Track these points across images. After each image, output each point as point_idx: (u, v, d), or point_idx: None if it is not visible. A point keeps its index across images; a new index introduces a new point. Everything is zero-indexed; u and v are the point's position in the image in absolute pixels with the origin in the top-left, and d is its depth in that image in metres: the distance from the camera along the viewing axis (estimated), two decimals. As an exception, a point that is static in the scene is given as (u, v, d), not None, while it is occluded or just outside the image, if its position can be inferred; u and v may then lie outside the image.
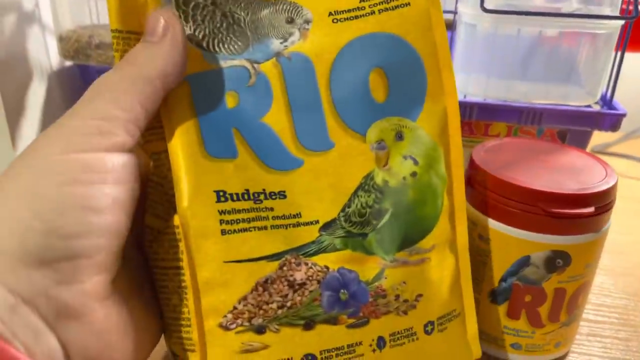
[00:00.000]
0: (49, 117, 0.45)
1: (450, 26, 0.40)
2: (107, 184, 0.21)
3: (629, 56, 0.69)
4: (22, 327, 0.19)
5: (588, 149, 0.66)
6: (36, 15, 0.43)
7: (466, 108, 0.40)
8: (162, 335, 0.26)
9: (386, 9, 0.26)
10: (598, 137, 0.67)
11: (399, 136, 0.26)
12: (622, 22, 0.34)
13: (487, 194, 0.31)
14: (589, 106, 0.41)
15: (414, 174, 0.26)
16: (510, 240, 0.30)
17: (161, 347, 0.26)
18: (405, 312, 0.27)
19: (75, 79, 0.46)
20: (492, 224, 0.31)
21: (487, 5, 0.32)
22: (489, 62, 0.39)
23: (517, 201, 0.30)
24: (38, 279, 0.20)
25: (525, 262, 0.31)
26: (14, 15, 0.40)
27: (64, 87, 0.46)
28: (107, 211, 0.21)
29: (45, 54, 0.44)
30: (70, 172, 0.20)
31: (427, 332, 0.27)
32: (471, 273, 0.33)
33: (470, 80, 0.40)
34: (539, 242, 0.30)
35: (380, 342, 0.26)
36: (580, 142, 0.42)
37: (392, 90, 0.26)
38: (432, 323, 0.28)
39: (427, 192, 0.27)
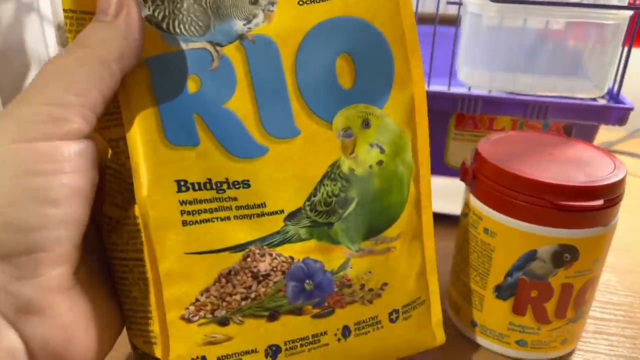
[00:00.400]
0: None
1: (454, 21, 0.39)
2: (63, 174, 0.20)
3: (636, 52, 0.69)
4: None
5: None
6: (34, 5, 0.42)
7: (470, 101, 0.39)
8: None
9: None
10: (602, 135, 0.67)
11: (366, 124, 0.25)
12: (630, 12, 0.34)
13: (493, 186, 0.30)
14: (594, 100, 0.41)
15: (380, 163, 0.26)
16: (516, 234, 0.30)
17: (125, 338, 0.26)
18: (370, 301, 0.26)
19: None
20: (498, 217, 0.30)
21: (494, -5, 0.32)
22: (493, 54, 0.38)
23: (523, 194, 0.29)
24: None
25: (531, 256, 0.30)
26: (11, 4, 0.40)
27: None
28: (65, 202, 0.20)
29: (43, 43, 0.43)
30: (23, 163, 0.19)
31: (391, 321, 0.27)
32: (476, 268, 0.32)
33: (474, 73, 0.39)
34: (546, 236, 0.29)
35: (345, 331, 0.26)
36: (586, 136, 0.41)
37: (359, 77, 0.25)
38: (397, 311, 0.27)
39: (393, 180, 0.26)
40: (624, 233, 0.48)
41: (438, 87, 0.41)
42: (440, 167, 0.44)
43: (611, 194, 0.29)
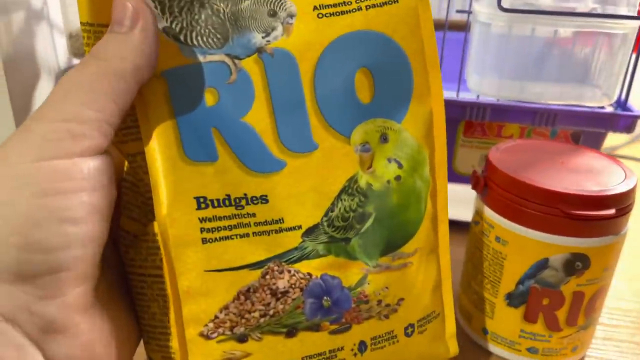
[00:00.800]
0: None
1: (464, 27, 0.40)
2: (83, 192, 0.20)
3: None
4: (4, 346, 0.19)
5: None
6: (44, 13, 0.42)
7: (479, 109, 0.40)
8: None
9: (374, 5, 0.25)
10: (606, 140, 0.67)
11: (384, 138, 0.25)
12: (638, 22, 0.34)
13: (505, 195, 0.30)
14: (602, 108, 0.41)
15: (398, 178, 0.26)
16: (528, 243, 0.30)
17: (142, 349, 0.26)
18: (387, 316, 0.26)
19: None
20: (510, 225, 0.30)
21: (504, 4, 0.32)
22: (502, 62, 0.38)
23: (535, 202, 0.29)
24: (18, 295, 0.19)
25: (543, 264, 0.30)
26: (22, 13, 0.40)
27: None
28: (85, 220, 0.20)
29: (53, 52, 0.44)
30: (44, 182, 0.19)
31: (407, 335, 0.27)
32: (487, 275, 0.32)
33: (483, 80, 0.39)
34: (558, 245, 0.29)
35: (362, 347, 0.26)
36: (594, 143, 0.42)
37: (378, 91, 0.25)
38: (412, 325, 0.27)
39: (411, 196, 0.26)
40: (632, 240, 0.48)
41: (447, 93, 0.41)
42: (448, 173, 0.44)
43: (622, 203, 0.29)
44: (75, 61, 0.46)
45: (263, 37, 0.23)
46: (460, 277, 0.36)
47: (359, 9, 0.24)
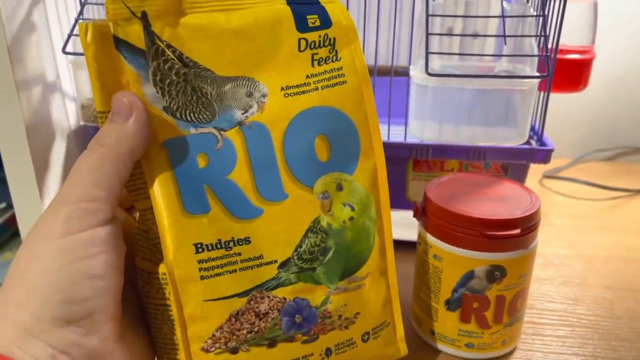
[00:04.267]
0: (69, 170, 0.52)
1: (406, 74, 0.48)
2: (103, 254, 0.26)
3: (572, 96, 0.78)
4: None
5: (540, 174, 0.74)
6: (57, 85, 0.50)
7: (423, 149, 0.48)
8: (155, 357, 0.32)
9: (327, 86, 0.31)
10: (551, 163, 0.76)
11: (340, 188, 0.32)
12: (537, 80, 0.43)
13: (438, 221, 0.38)
14: (527, 142, 0.49)
15: (351, 218, 0.32)
16: (458, 259, 0.38)
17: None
18: (346, 327, 0.33)
19: (89, 138, 0.54)
20: (443, 245, 0.38)
21: (431, 70, 0.41)
22: (439, 111, 0.47)
23: (461, 227, 0.37)
24: (68, 334, 0.25)
25: (470, 275, 0.38)
26: (40, 86, 0.47)
27: (81, 145, 0.53)
28: (108, 275, 0.26)
29: (66, 117, 0.51)
30: (75, 251, 0.25)
31: (364, 341, 0.34)
32: (430, 286, 0.40)
33: (424, 126, 0.48)
34: (480, 259, 0.37)
35: (328, 352, 0.32)
36: (520, 172, 0.50)
37: (333, 151, 0.32)
38: (368, 333, 0.34)
39: (361, 232, 0.33)
40: (563, 250, 0.57)
41: (397, 133, 0.49)
42: (402, 202, 0.52)
43: (527, 224, 0.37)
44: (82, 124, 0.53)
45: (242, 113, 0.29)
46: (412, 289, 0.44)
47: (316, 89, 0.31)
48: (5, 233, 0.60)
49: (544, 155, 0.47)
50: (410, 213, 0.51)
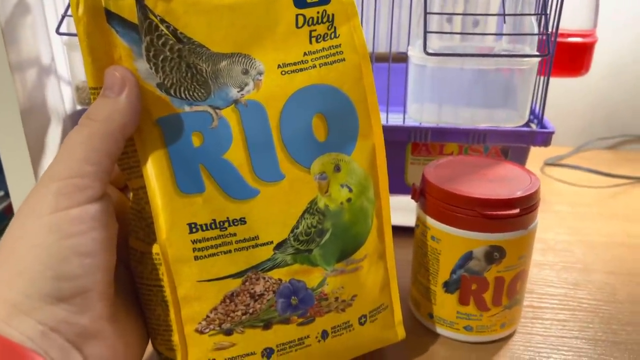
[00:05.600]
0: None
1: (405, 59, 0.47)
2: (93, 231, 0.25)
3: (575, 82, 0.78)
4: (53, 348, 0.24)
5: (542, 162, 0.74)
6: (52, 68, 0.50)
7: (422, 132, 0.47)
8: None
9: (325, 64, 0.31)
10: (552, 151, 0.75)
11: (337, 168, 0.31)
12: (538, 59, 0.42)
13: (436, 202, 0.38)
14: (527, 125, 0.49)
15: (349, 200, 0.32)
16: (456, 240, 0.37)
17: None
18: (343, 310, 0.32)
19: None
20: (441, 226, 0.38)
21: (430, 49, 0.40)
22: (438, 92, 0.46)
23: (459, 207, 0.37)
24: (58, 312, 0.25)
25: (469, 256, 0.37)
26: (34, 69, 0.47)
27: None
28: (98, 252, 0.25)
29: (61, 100, 0.51)
30: (64, 227, 0.25)
31: (361, 324, 0.33)
32: (428, 268, 0.40)
33: (423, 108, 0.47)
34: (479, 240, 0.37)
35: (324, 334, 0.32)
36: (521, 155, 0.50)
37: (331, 131, 0.31)
38: (364, 316, 0.34)
39: (359, 214, 0.32)
40: (564, 236, 0.56)
41: (395, 118, 0.49)
42: (401, 187, 0.52)
43: (526, 204, 0.37)
44: (78, 107, 0.53)
45: (238, 92, 0.29)
46: (410, 272, 0.43)
47: (314, 66, 0.31)
48: (4, 221, 0.60)
49: (544, 138, 0.47)
50: (408, 198, 0.51)
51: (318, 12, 0.31)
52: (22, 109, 0.45)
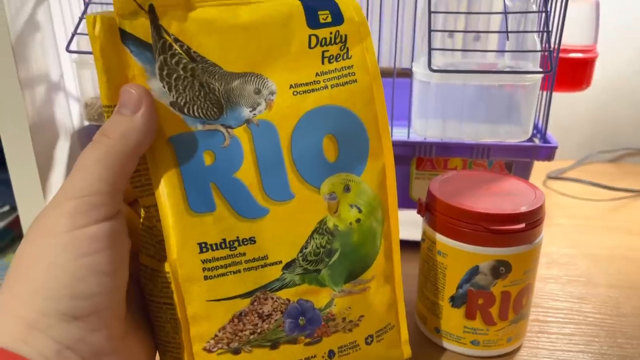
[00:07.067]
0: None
1: (409, 74, 0.48)
2: (109, 249, 0.25)
3: (577, 96, 0.79)
4: None
5: (545, 175, 0.74)
6: (61, 84, 0.50)
7: (426, 147, 0.48)
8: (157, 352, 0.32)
9: (337, 85, 0.31)
10: (555, 164, 0.76)
11: (347, 189, 0.32)
12: (540, 75, 0.43)
13: (442, 217, 0.38)
14: (530, 140, 0.49)
15: (358, 220, 0.32)
16: (462, 254, 0.38)
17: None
18: (350, 330, 0.32)
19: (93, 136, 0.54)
20: (447, 241, 0.38)
21: (434, 66, 0.41)
22: (442, 108, 0.47)
23: (465, 222, 0.37)
24: (74, 330, 0.24)
25: (475, 271, 0.38)
26: (44, 85, 0.48)
27: (83, 144, 0.53)
28: (113, 271, 0.26)
29: (69, 116, 0.51)
30: (81, 246, 0.25)
31: (367, 343, 0.33)
32: (434, 283, 0.40)
33: (428, 124, 0.48)
34: (485, 254, 0.37)
35: (331, 354, 0.32)
36: (524, 170, 0.50)
37: (342, 152, 0.31)
38: (371, 336, 0.34)
39: (368, 235, 0.32)
40: (567, 249, 0.56)
41: (400, 133, 0.49)
42: (406, 201, 0.52)
43: (531, 219, 0.37)
44: (86, 123, 0.53)
45: (250, 111, 0.29)
46: (417, 287, 0.43)
47: (326, 87, 0.31)
48: (9, 235, 0.60)
49: (547, 153, 0.47)
50: (414, 212, 0.51)
51: (331, 33, 0.31)
52: (31, 124, 0.46)
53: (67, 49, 0.44)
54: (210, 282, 0.29)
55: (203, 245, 0.28)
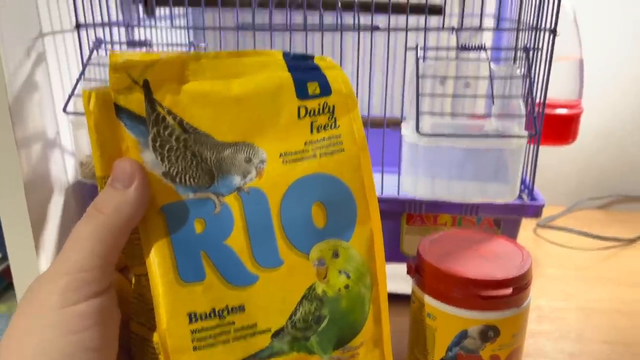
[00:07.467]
0: (66, 224, 0.52)
1: (398, 122, 0.49)
2: (98, 325, 0.26)
3: (563, 149, 0.80)
4: None
5: (534, 223, 0.75)
6: (57, 141, 0.51)
7: (416, 205, 0.49)
8: None
9: (326, 153, 0.32)
10: (545, 211, 0.77)
11: (336, 254, 0.32)
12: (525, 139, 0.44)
13: (431, 280, 0.39)
14: (519, 196, 0.50)
15: (347, 286, 0.32)
16: (451, 318, 0.38)
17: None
18: None
19: (87, 193, 0.55)
20: (437, 304, 0.38)
21: (422, 130, 0.42)
22: (431, 168, 0.48)
23: (454, 286, 0.37)
24: None
25: (464, 335, 0.38)
26: (40, 143, 0.48)
27: (77, 200, 0.54)
28: (101, 347, 0.26)
29: (64, 172, 0.52)
30: (71, 323, 0.25)
31: None
32: (424, 345, 0.40)
33: (417, 182, 0.48)
34: (473, 319, 0.37)
35: None
36: (512, 225, 0.51)
37: (330, 218, 0.32)
38: None
39: (357, 301, 0.32)
40: (557, 302, 0.57)
41: (390, 190, 0.50)
42: (397, 255, 0.53)
43: (519, 283, 0.37)
44: (79, 179, 0.54)
45: (241, 180, 0.30)
46: (407, 345, 0.43)
47: (314, 155, 0.31)
48: (1, 284, 0.60)
49: (535, 211, 0.48)
50: (404, 266, 0.51)
51: (319, 104, 0.32)
52: (26, 180, 0.46)
53: (64, 110, 0.45)
54: (199, 353, 0.29)
55: (192, 315, 0.28)
